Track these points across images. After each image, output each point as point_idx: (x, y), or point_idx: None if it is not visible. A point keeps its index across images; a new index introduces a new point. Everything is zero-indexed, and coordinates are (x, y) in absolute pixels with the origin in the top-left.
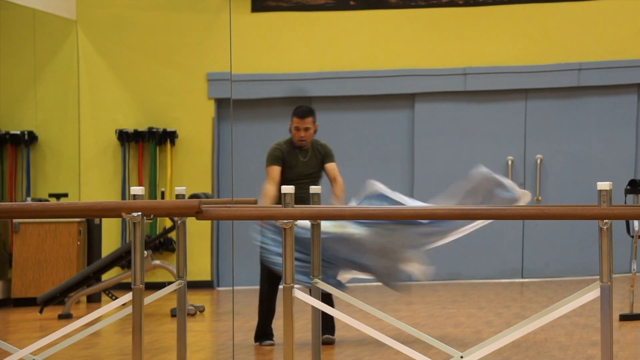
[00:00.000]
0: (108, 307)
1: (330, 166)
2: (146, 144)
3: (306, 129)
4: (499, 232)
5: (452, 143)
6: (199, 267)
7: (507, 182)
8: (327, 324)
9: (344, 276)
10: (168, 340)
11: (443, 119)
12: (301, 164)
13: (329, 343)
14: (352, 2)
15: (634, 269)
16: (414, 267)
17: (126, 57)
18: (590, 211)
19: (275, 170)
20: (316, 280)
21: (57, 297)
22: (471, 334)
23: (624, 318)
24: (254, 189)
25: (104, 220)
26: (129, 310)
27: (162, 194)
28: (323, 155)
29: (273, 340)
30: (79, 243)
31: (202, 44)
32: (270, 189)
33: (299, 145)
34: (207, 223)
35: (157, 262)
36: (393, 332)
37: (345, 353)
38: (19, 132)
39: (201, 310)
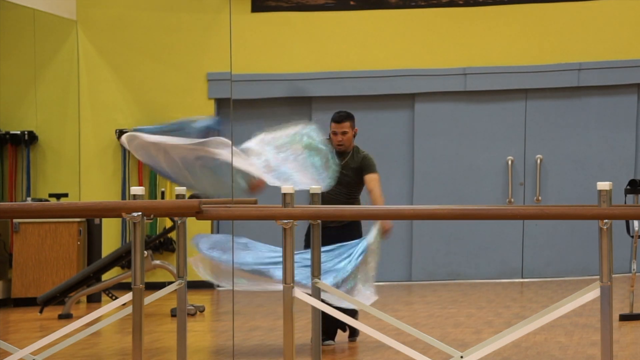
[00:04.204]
0: (108, 307)
1: (369, 177)
2: None
3: (343, 133)
4: (499, 232)
5: (452, 143)
6: None
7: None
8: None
9: None
10: (168, 340)
11: (443, 119)
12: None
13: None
14: (352, 2)
15: (634, 269)
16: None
17: (126, 57)
18: (590, 211)
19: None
20: (316, 280)
21: (57, 297)
22: (471, 334)
23: (624, 318)
24: None
25: (104, 220)
26: (129, 310)
27: (162, 194)
28: (361, 166)
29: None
30: (79, 243)
31: (202, 44)
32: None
33: (337, 150)
34: (207, 223)
35: (157, 262)
36: (393, 332)
37: (345, 353)
38: (19, 132)
39: (201, 310)
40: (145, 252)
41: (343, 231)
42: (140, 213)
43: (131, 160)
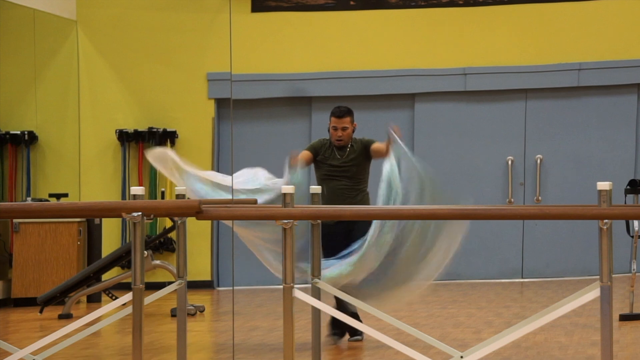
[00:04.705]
0: (108, 307)
1: (373, 146)
2: (146, 144)
3: (343, 129)
4: (499, 232)
5: (452, 143)
6: (199, 267)
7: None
8: (342, 326)
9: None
10: (168, 340)
11: (443, 119)
12: (337, 162)
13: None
14: (352, 2)
15: (634, 269)
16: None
17: (126, 57)
18: (590, 211)
19: (304, 153)
20: (316, 280)
21: (57, 297)
22: (471, 334)
23: (624, 318)
24: None
25: (104, 220)
26: (129, 310)
27: (162, 194)
28: (363, 149)
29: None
30: (79, 243)
31: (202, 44)
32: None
33: (337, 145)
34: (207, 223)
35: (157, 262)
36: (393, 332)
37: (345, 353)
38: (19, 132)
39: (201, 310)
40: (145, 252)
41: (353, 228)
42: (140, 213)
43: (131, 160)
